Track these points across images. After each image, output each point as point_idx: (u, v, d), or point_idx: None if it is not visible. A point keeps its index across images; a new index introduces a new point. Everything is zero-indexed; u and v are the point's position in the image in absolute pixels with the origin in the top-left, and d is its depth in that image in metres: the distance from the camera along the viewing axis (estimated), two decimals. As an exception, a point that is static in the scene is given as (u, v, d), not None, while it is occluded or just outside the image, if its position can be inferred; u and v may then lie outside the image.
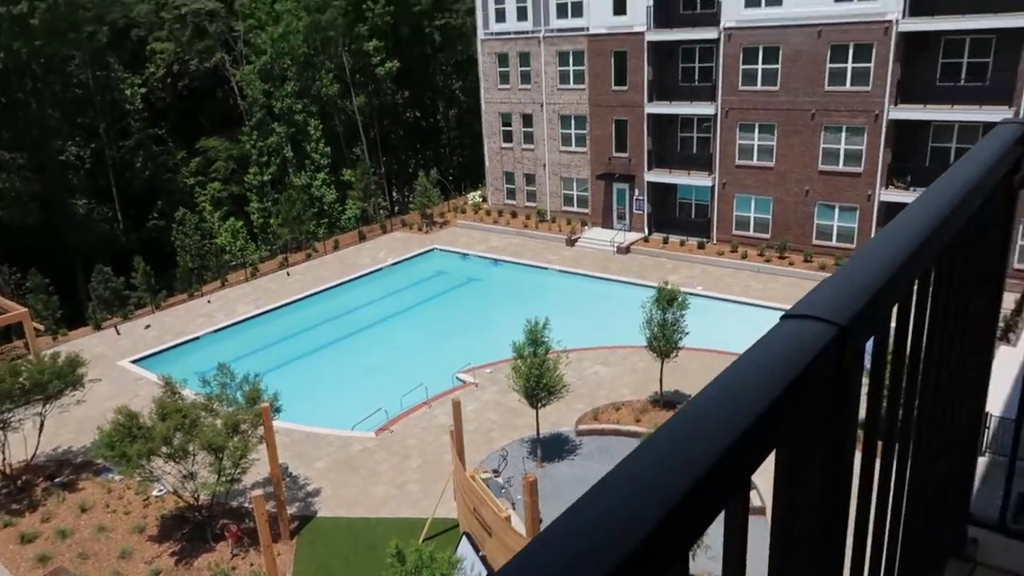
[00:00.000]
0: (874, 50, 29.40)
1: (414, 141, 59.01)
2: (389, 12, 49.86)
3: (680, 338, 22.10)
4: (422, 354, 28.10)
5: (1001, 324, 24.41)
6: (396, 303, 33.53)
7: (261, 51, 48.00)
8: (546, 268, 35.79)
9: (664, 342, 21.97)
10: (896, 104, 29.43)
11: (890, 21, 28.70)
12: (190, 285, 37.31)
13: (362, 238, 41.96)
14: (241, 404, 19.71)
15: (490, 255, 38.06)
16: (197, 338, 31.02)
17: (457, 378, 26.16)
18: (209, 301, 34.78)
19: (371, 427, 23.41)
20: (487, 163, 43.81)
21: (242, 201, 51.13)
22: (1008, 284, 23.58)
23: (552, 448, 21.70)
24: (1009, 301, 26.95)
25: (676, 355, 22.43)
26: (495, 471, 20.58)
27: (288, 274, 37.56)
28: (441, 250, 39.70)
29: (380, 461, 21.70)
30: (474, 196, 46.28)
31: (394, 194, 58.33)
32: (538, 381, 20.36)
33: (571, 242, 38.11)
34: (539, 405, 20.82)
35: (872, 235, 30.76)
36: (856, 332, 0.99)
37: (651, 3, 34.39)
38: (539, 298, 31.25)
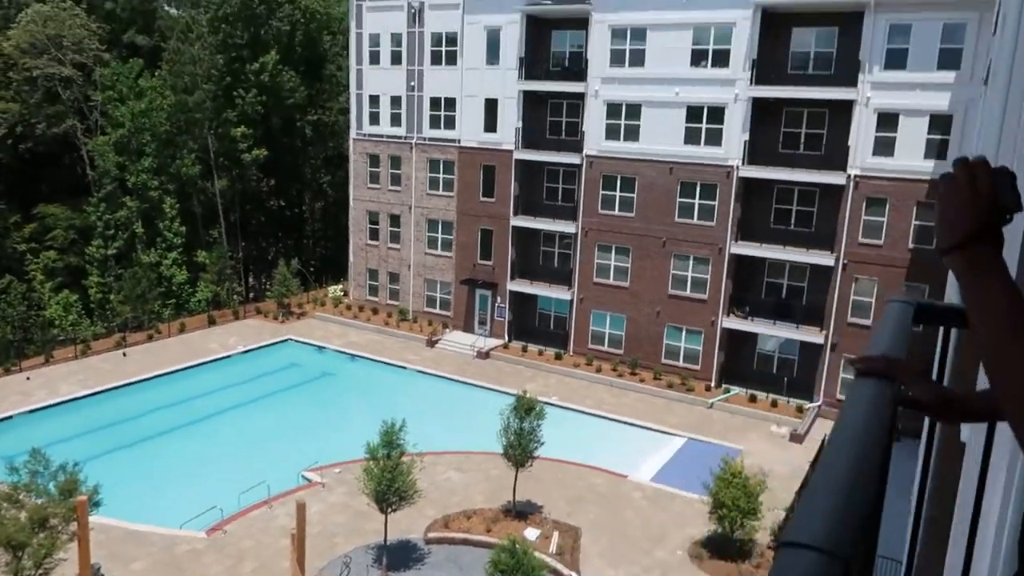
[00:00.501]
0: (718, 190, 32.47)
1: (276, 229, 57.89)
2: (261, 102, 49.73)
3: (536, 447, 22.39)
4: (267, 449, 26.68)
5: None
6: (243, 393, 31.89)
7: (119, 124, 46.14)
8: (405, 368, 35.49)
9: (520, 451, 22.17)
10: (736, 240, 32.39)
11: (732, 166, 31.95)
12: (7, 359, 33.86)
13: (212, 323, 40.02)
14: (53, 495, 17.84)
15: (348, 350, 37.33)
16: (9, 418, 27.99)
17: (303, 476, 24.98)
18: (28, 378, 31.67)
19: (203, 526, 21.71)
20: (351, 258, 43.61)
21: (80, 273, 47.62)
22: (826, 412, 25.54)
23: (399, 556, 20.96)
24: (830, 429, 29.43)
25: (531, 464, 22.64)
26: (337, 579, 19.54)
27: (125, 354, 34.99)
28: (296, 341, 38.53)
29: (209, 564, 20.06)
30: (335, 289, 45.67)
31: (251, 280, 56.44)
32: (390, 485, 19.87)
33: (432, 343, 38.16)
34: (389, 510, 20.21)
35: (715, 358, 33.07)
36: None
37: (520, 125, 36.48)
38: (396, 398, 30.78)
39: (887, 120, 29.50)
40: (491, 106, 37.34)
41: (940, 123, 28.63)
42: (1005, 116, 5.37)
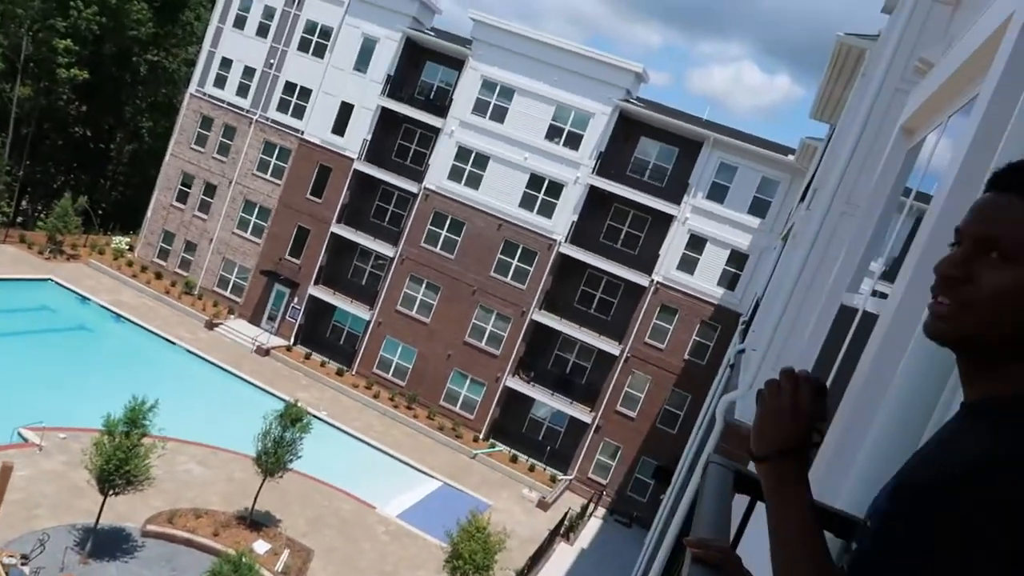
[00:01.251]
0: (537, 258, 33.84)
1: (73, 159, 52.24)
2: (99, 22, 45.31)
3: (292, 460, 21.56)
4: (-14, 394, 23.49)
5: (566, 523, 27.86)
6: (-25, 325, 28.02)
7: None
8: (174, 343, 32.98)
9: (274, 460, 21.22)
10: (540, 309, 33.78)
11: (555, 240, 33.52)
12: None
13: (-39, 238, 35.02)
14: None
15: (115, 308, 34.11)
16: None
17: (19, 434, 22.23)
18: None
19: None
20: (149, 214, 40.28)
21: None
22: (576, 487, 27.11)
23: (107, 544, 19.09)
24: (576, 503, 31.04)
25: (281, 475, 21.73)
26: (24, 557, 17.37)
27: None
28: (58, 284, 34.63)
29: None
30: (120, 241, 41.81)
31: (24, 204, 50.22)
32: (119, 466, 18.15)
33: (211, 325, 35.86)
34: (110, 492, 18.43)
35: (490, 412, 33.87)
36: None
37: (369, 138, 36.07)
38: (156, 373, 28.45)
39: (696, 242, 32.48)
40: (346, 110, 36.63)
41: (737, 259, 31.97)
42: (801, 275, 6.16)
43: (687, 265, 32.65)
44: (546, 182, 33.98)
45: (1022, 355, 0.98)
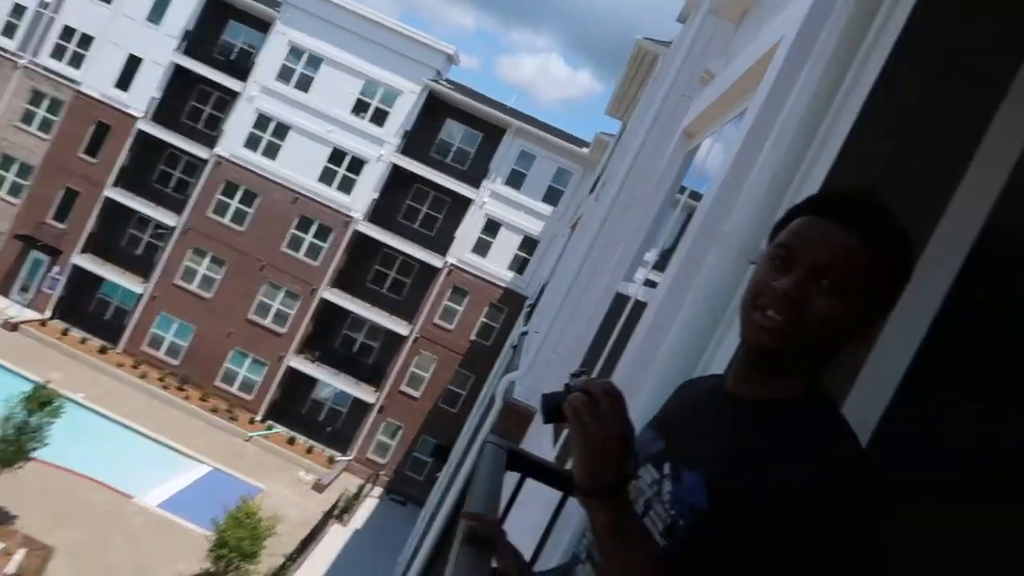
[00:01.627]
0: (332, 235, 32.93)
1: None
2: None
3: (36, 447, 19.27)
4: None
5: (341, 505, 27.54)
6: None
7: None
8: None
9: (14, 448, 18.82)
10: (332, 287, 32.93)
11: (353, 218, 32.81)
12: None
13: None
14: None
15: None
16: None
17: None
18: None
19: None
20: None
21: None
22: (355, 468, 26.94)
23: None
24: (353, 484, 30.74)
25: (22, 466, 19.33)
26: None
27: None
28: None
29: None
30: None
31: None
32: None
33: (-55, 292, 31.13)
34: None
35: (270, 393, 32.57)
36: None
37: (158, 96, 33.08)
38: None
39: (492, 226, 33.29)
40: (133, 64, 33.22)
41: (528, 244, 33.22)
42: (584, 262, 6.51)
43: (481, 248, 33.36)
44: (348, 157, 33.12)
45: (799, 368, 1.13)
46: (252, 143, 33.19)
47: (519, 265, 33.25)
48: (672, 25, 13.73)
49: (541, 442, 4.94)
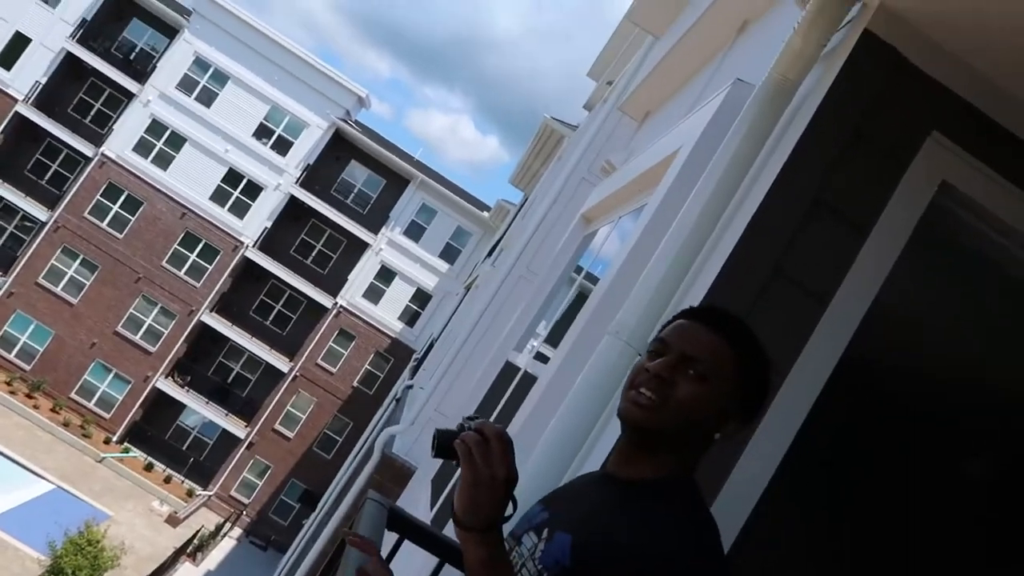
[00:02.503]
0: (218, 257, 31.76)
1: None
2: None
3: None
4: None
5: (195, 542, 25.95)
6: None
7: None
8: None
9: None
10: (212, 311, 31.59)
11: (243, 243, 31.81)
12: None
13: None
14: None
15: None
16: None
17: None
18: None
19: None
20: None
21: None
22: (215, 504, 25.53)
23: None
24: (212, 522, 29.07)
25: None
26: None
27: None
28: None
29: None
30: None
31: None
32: None
33: None
34: None
35: (131, 413, 30.58)
36: None
37: (43, 80, 31.30)
38: None
39: (386, 274, 33.06)
40: (20, 42, 31.37)
41: (421, 297, 33.13)
42: (476, 325, 6.62)
43: (373, 295, 33.00)
44: (245, 180, 32.26)
45: (667, 450, 1.29)
46: (143, 148, 31.82)
47: (410, 317, 33.06)
48: (578, 109, 14.37)
49: (418, 501, 4.92)
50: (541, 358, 4.07)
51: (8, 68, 31.23)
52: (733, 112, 2.43)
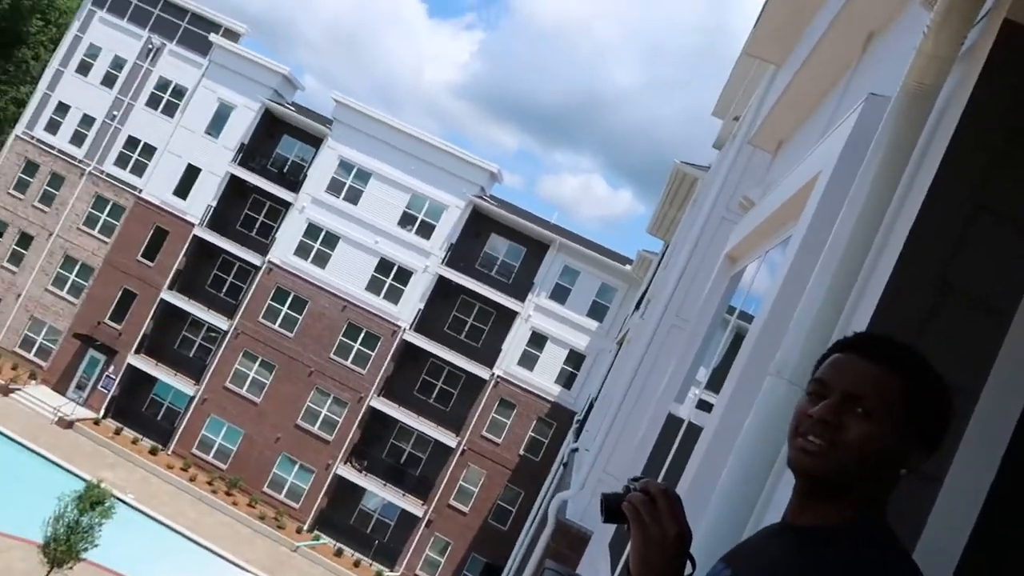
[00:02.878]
0: (379, 343, 33.40)
1: None
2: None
3: (87, 548, 19.35)
4: None
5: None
6: None
7: None
8: (-43, 409, 29.18)
9: (65, 548, 18.94)
10: (379, 395, 33.09)
11: (400, 327, 33.32)
12: None
13: None
14: None
15: None
16: None
17: None
18: None
19: None
20: (-52, 261, 36.15)
21: None
22: None
23: None
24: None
25: (72, 566, 19.39)
26: None
27: None
28: None
29: None
30: (-93, 289, 37.02)
31: None
32: None
33: (6, 391, 32.10)
34: None
35: (317, 501, 32.24)
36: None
37: (214, 205, 34.78)
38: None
39: (538, 339, 33.42)
40: (192, 173, 35.25)
41: (575, 359, 33.14)
42: (633, 381, 6.54)
43: (527, 361, 33.39)
44: (395, 268, 34.01)
45: (847, 494, 1.22)
46: (303, 251, 34.39)
47: (566, 380, 33.13)
48: (707, 150, 14.14)
49: (598, 567, 4.85)
50: (704, 406, 3.95)
51: (184, 197, 35.05)
52: (870, 128, 2.33)
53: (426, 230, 34.16)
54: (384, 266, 34.09)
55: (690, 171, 15.52)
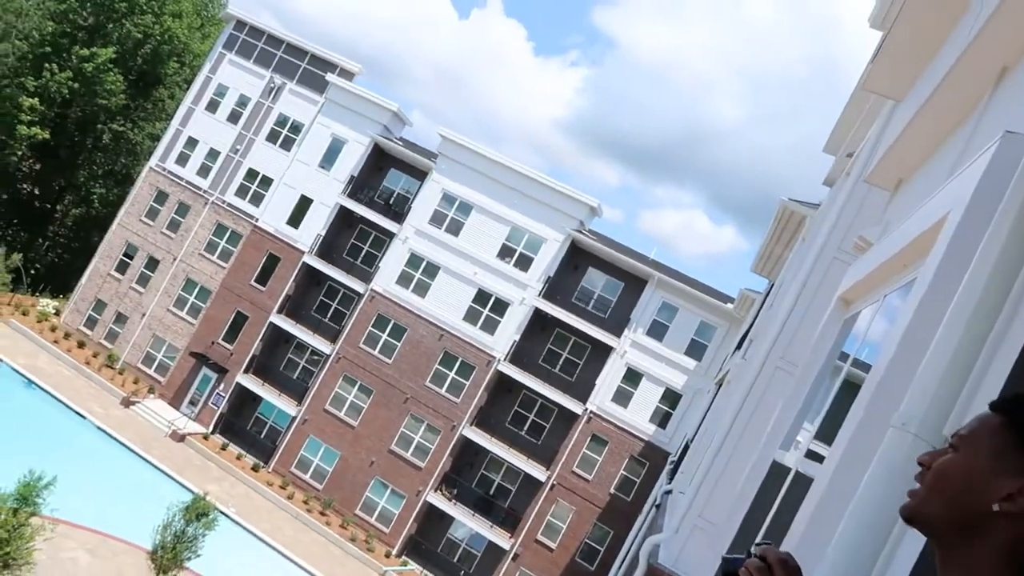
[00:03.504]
0: (474, 373, 33.70)
1: (14, 215, 50.93)
2: (70, 87, 45.53)
3: (190, 557, 20.25)
4: None
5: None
6: None
7: None
8: (84, 417, 31.28)
9: (171, 556, 19.89)
10: (472, 425, 33.31)
11: (495, 357, 33.54)
12: None
13: None
14: None
15: (28, 373, 32.40)
16: None
17: None
18: None
19: None
20: (84, 280, 39.11)
21: None
22: None
23: (-31, 630, 17.31)
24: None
25: (176, 573, 20.30)
26: None
27: None
28: (-30, 341, 32.89)
29: None
30: (48, 305, 40.27)
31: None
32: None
33: (128, 403, 34.23)
34: (-14, 572, 16.94)
35: (407, 527, 32.53)
36: None
37: (323, 234, 36.23)
38: (58, 447, 26.78)
39: (633, 376, 32.88)
40: (304, 204, 36.93)
41: (671, 397, 32.39)
42: (733, 424, 6.31)
43: (622, 398, 32.88)
44: (492, 299, 34.36)
45: (967, 541, 1.08)
46: (404, 280, 35.26)
47: (661, 418, 32.41)
48: (816, 187, 13.66)
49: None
50: (813, 456, 3.76)
51: (296, 226, 36.72)
52: (1006, 166, 2.19)
53: (524, 262, 34.42)
54: (482, 297, 34.51)
55: (798, 208, 15.03)
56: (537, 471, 32.32)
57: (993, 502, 1.06)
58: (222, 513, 23.63)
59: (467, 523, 32.78)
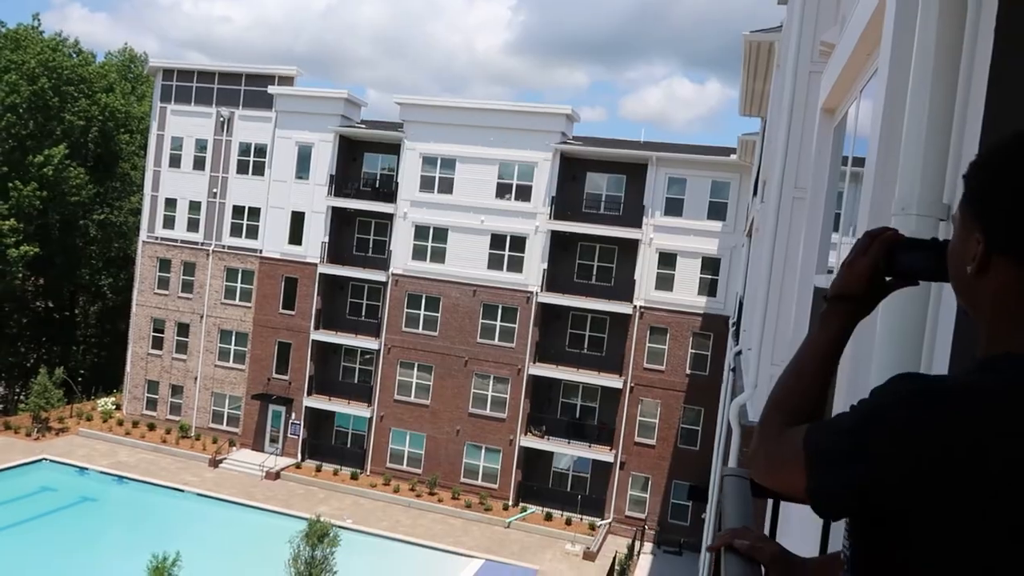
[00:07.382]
0: (518, 314, 33.93)
1: (41, 333, 51.85)
2: (40, 197, 45.63)
3: (328, 576, 21.10)
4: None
5: (617, 568, 27.33)
6: (-21, 525, 27.29)
7: None
8: (182, 491, 32.34)
9: (310, 580, 20.75)
10: (535, 362, 33.72)
11: (532, 292, 33.70)
12: None
13: (-54, 440, 34.35)
14: None
15: (115, 471, 33.47)
16: None
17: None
18: None
19: None
20: (128, 368, 39.93)
21: None
22: (617, 528, 26.60)
23: None
24: (622, 545, 30.51)
25: (321, 595, 21.22)
26: None
27: None
28: (53, 461, 33.94)
29: None
30: (106, 403, 41.23)
31: (1, 390, 49.54)
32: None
33: (215, 463, 35.26)
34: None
35: (512, 476, 33.42)
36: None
37: (326, 240, 36.31)
38: (170, 526, 27.82)
39: (667, 259, 32.84)
40: (297, 219, 36.94)
41: (710, 264, 32.34)
42: (772, 266, 6.32)
43: (664, 283, 32.92)
44: (508, 239, 34.33)
45: (974, 302, 1.18)
46: (419, 254, 35.33)
47: (708, 288, 32.42)
48: (775, 10, 13.26)
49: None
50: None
51: (299, 243, 36.83)
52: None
53: (524, 193, 34.20)
54: (497, 240, 34.49)
55: (762, 37, 14.66)
56: (612, 381, 32.73)
57: (967, 267, 1.16)
58: (341, 528, 24.44)
59: (566, 452, 33.50)
